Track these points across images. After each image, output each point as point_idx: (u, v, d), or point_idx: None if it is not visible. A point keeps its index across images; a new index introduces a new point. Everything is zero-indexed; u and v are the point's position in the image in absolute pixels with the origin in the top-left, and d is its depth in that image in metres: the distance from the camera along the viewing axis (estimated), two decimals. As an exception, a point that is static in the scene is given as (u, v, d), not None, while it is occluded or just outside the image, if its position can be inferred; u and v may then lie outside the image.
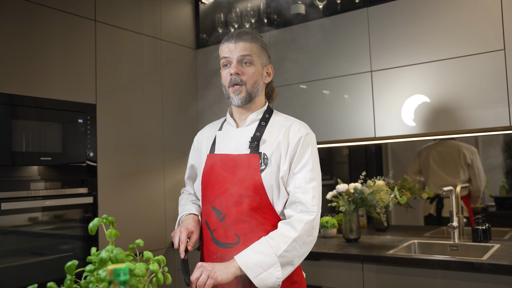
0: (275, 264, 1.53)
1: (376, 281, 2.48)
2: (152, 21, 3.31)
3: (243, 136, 1.72)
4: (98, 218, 1.25)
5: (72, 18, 2.79)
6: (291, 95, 3.17)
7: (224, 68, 1.72)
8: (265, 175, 1.62)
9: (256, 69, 1.70)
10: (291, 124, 1.71)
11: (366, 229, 3.37)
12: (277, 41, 3.25)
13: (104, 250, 1.14)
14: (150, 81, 3.27)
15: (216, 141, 1.79)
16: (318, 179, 1.65)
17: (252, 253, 1.54)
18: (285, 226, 1.58)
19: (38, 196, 2.54)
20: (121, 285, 0.92)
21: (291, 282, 1.69)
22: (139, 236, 3.07)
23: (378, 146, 3.87)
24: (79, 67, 2.81)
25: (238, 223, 1.63)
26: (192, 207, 1.85)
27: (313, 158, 1.66)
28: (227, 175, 1.66)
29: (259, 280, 1.52)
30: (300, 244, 1.57)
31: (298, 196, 1.61)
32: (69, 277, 1.16)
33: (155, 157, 3.25)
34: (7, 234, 2.44)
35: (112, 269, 0.91)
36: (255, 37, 1.72)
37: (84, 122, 2.79)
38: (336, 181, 3.08)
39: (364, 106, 2.88)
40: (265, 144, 1.67)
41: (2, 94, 2.44)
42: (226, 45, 1.71)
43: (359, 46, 2.91)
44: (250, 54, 1.67)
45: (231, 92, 1.69)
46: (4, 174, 2.42)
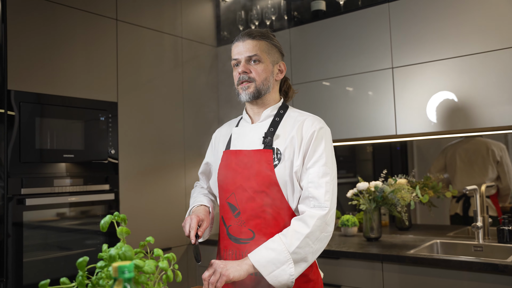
0: (288, 261, 1.51)
1: (396, 281, 2.44)
2: (173, 19, 3.34)
3: (257, 131, 1.72)
4: (110, 216, 1.27)
5: (94, 17, 2.84)
6: (312, 92, 3.15)
7: (234, 68, 1.75)
8: (279, 170, 1.62)
9: (265, 67, 1.70)
10: (305, 119, 1.70)
11: (388, 228, 3.32)
12: (297, 38, 3.23)
13: (114, 247, 1.15)
14: (171, 79, 3.30)
15: (231, 137, 1.80)
16: (332, 174, 1.63)
17: (264, 250, 1.53)
18: (297, 222, 1.57)
19: (61, 192, 2.60)
20: (126, 282, 0.93)
21: (306, 280, 1.68)
22: (159, 233, 3.11)
23: (403, 143, 3.80)
24: (101, 65, 2.86)
25: (252, 219, 1.63)
26: (203, 198, 1.86)
27: (327, 152, 1.64)
28: (242, 170, 1.67)
29: (272, 277, 1.51)
30: (313, 240, 1.55)
31: (311, 191, 1.59)
32: (80, 273, 1.18)
33: (176, 155, 3.28)
34: (35, 229, 2.51)
35: (117, 266, 0.92)
36: (264, 35, 1.73)
37: (105, 120, 2.84)
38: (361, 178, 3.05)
39: (385, 103, 2.83)
40: (279, 139, 1.67)
41: (26, 93, 2.50)
42: (235, 45, 1.74)
43: (380, 42, 2.86)
44: (257, 53, 1.69)
45: (240, 89, 1.72)
46: (29, 171, 2.49)
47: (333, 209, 1.62)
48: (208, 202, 1.84)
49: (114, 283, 0.93)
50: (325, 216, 1.57)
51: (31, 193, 2.48)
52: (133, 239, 2.90)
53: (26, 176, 2.48)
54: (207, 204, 1.83)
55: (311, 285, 1.69)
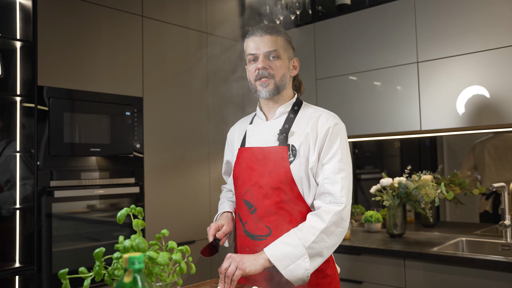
0: (303, 256, 1.52)
1: (419, 278, 2.41)
2: (198, 15, 3.37)
3: (272, 128, 1.72)
4: (126, 208, 1.31)
5: (120, 14, 2.90)
6: (336, 86, 3.13)
7: (250, 63, 1.72)
8: (294, 167, 1.62)
9: (283, 63, 1.70)
10: (320, 115, 1.69)
11: (414, 225, 3.27)
12: (322, 33, 3.21)
13: (129, 239, 1.19)
14: (196, 74, 3.34)
15: (246, 135, 1.81)
16: (348, 170, 1.63)
17: (280, 245, 1.54)
18: (313, 217, 1.58)
19: (88, 185, 2.68)
20: (136, 273, 0.96)
21: (323, 275, 1.68)
22: (184, 226, 3.16)
23: (432, 139, 3.73)
24: (127, 61, 2.92)
25: (268, 215, 1.64)
26: (226, 205, 1.89)
27: (342, 148, 1.64)
28: (257, 167, 1.68)
29: (287, 272, 1.52)
30: (329, 235, 1.56)
31: (327, 187, 1.59)
32: (97, 263, 1.22)
33: (200, 149, 3.33)
34: (64, 220, 2.60)
35: (127, 257, 0.95)
36: (279, 30, 1.72)
37: (131, 115, 2.90)
38: (387, 174, 3.01)
39: (410, 98, 2.78)
40: (294, 136, 1.67)
41: (55, 88, 2.59)
42: (251, 40, 1.71)
43: (405, 36, 2.81)
44: (276, 48, 1.67)
45: (258, 85, 1.70)
46: (57, 164, 2.57)
47: (349, 204, 1.62)
48: (230, 207, 1.87)
49: (125, 273, 0.96)
50: (341, 212, 1.58)
51: (59, 185, 2.57)
52: (157, 231, 2.97)
53: (55, 169, 2.57)
54: (230, 209, 1.85)
55: (328, 280, 1.69)
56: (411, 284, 2.44)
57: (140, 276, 0.96)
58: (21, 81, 2.57)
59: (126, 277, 0.95)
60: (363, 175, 4.05)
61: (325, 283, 1.67)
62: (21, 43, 2.52)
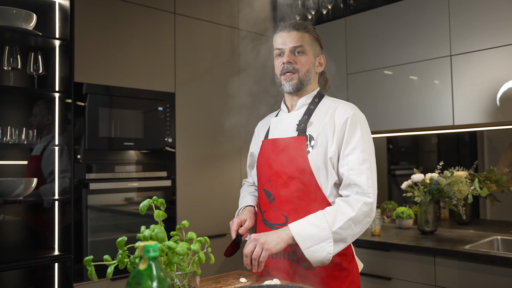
0: (329, 239, 1.53)
1: (450, 276, 2.36)
2: (230, 11, 3.41)
3: (292, 119, 1.76)
4: (148, 200, 1.35)
5: (152, 12, 2.97)
6: (367, 81, 3.09)
7: (277, 58, 1.77)
8: (312, 157, 1.65)
9: (308, 59, 1.73)
10: (338, 106, 1.71)
11: (448, 222, 3.20)
12: (353, 27, 3.18)
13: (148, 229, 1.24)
14: (227, 70, 3.38)
15: (270, 127, 1.86)
16: (371, 160, 1.64)
17: (307, 225, 1.55)
18: (343, 203, 1.58)
19: (122, 178, 2.77)
20: (151, 260, 1.00)
21: (339, 268, 1.67)
22: (215, 219, 3.22)
23: (472, 134, 3.63)
24: (159, 58, 3.00)
25: (286, 204, 1.67)
26: (249, 199, 1.93)
27: (364, 138, 1.65)
28: (277, 158, 1.72)
29: (310, 252, 1.54)
30: (356, 223, 1.57)
31: (353, 178, 1.60)
32: (120, 251, 1.28)
33: (232, 144, 3.37)
34: (98, 211, 2.71)
35: (143, 245, 0.99)
36: (307, 27, 1.75)
37: (163, 110, 2.98)
38: (423, 171, 2.96)
39: (442, 93, 2.72)
40: (312, 126, 1.70)
41: (91, 84, 2.69)
42: (279, 35, 1.75)
43: (438, 29, 2.75)
44: (302, 44, 1.71)
45: (283, 79, 1.74)
46: (93, 158, 2.68)
47: (376, 195, 1.63)
48: (253, 201, 1.90)
49: (140, 260, 1.01)
50: (371, 204, 1.60)
51: (95, 178, 2.67)
52: (189, 224, 3.03)
53: (91, 163, 2.68)
54: (252, 203, 1.89)
55: (344, 273, 1.69)
56: (442, 282, 2.39)
57: (155, 264, 1.00)
58: (59, 78, 2.69)
59: (142, 264, 0.99)
60: (397, 171, 3.99)
61: (341, 276, 1.67)
62: (60, 41, 2.63)
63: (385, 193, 3.63)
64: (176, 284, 1.28)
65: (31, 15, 2.56)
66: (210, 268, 3.14)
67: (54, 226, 2.67)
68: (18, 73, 2.62)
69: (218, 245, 3.20)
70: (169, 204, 3.02)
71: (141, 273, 0.99)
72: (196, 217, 3.11)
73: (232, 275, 1.70)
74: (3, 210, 2.61)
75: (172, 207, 3.02)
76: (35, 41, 2.62)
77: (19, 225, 2.67)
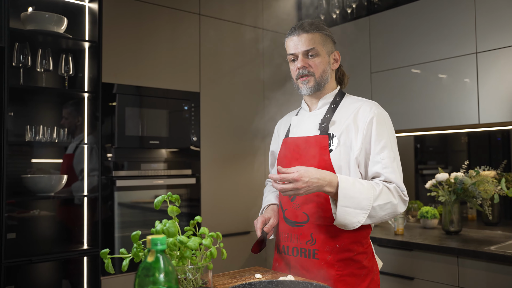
0: (365, 210, 1.54)
1: (474, 277, 2.32)
2: (254, 11, 3.45)
3: (314, 119, 1.77)
4: (163, 195, 1.40)
5: (177, 13, 3.04)
6: (391, 79, 3.07)
7: (291, 62, 1.77)
8: (334, 156, 1.65)
9: (322, 59, 1.72)
10: (361, 105, 1.71)
11: (475, 223, 3.14)
12: (377, 25, 3.16)
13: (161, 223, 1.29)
14: (252, 69, 3.42)
15: (291, 126, 1.86)
16: (397, 158, 1.66)
17: (356, 185, 1.54)
18: (388, 190, 1.58)
19: (147, 175, 2.86)
20: (158, 253, 1.05)
21: (360, 266, 1.67)
22: (239, 216, 3.27)
23: (505, 133, 3.53)
24: (185, 58, 3.07)
25: (307, 203, 1.68)
26: (272, 197, 1.94)
27: (391, 136, 1.66)
28: (298, 156, 1.73)
29: (342, 210, 1.53)
30: (388, 211, 1.58)
31: (389, 176, 1.61)
32: (135, 245, 1.33)
33: (256, 142, 3.41)
34: (125, 208, 2.80)
35: (150, 238, 1.04)
36: (317, 26, 1.73)
37: (188, 109, 3.04)
38: (452, 170, 2.92)
39: (467, 91, 2.67)
40: (335, 125, 1.70)
41: (118, 85, 2.78)
42: (290, 40, 1.75)
43: (464, 25, 2.69)
44: (314, 46, 1.70)
45: (300, 83, 1.75)
46: (120, 156, 2.77)
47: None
48: (276, 199, 1.91)
49: (148, 253, 1.05)
50: (406, 204, 1.63)
51: (121, 175, 2.77)
52: (212, 221, 3.11)
53: (118, 160, 2.77)
54: (275, 201, 1.90)
55: (365, 271, 1.68)
56: (465, 283, 2.36)
57: (163, 256, 1.04)
58: (88, 79, 2.80)
59: (149, 256, 1.04)
60: (425, 170, 3.93)
61: (361, 274, 1.67)
62: (89, 43, 2.74)
63: (412, 193, 3.58)
64: (189, 278, 1.33)
65: (62, 19, 2.67)
66: (234, 264, 3.19)
67: (83, 221, 2.78)
68: (50, 75, 2.74)
69: (242, 242, 3.25)
70: (194, 201, 3.09)
71: (149, 265, 1.04)
72: (221, 215, 3.17)
73: (248, 271, 1.73)
74: (38, 205, 2.74)
75: (197, 204, 3.09)
76: (66, 43, 2.73)
77: (53, 220, 2.79)
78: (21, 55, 2.54)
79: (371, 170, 1.63)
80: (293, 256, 1.72)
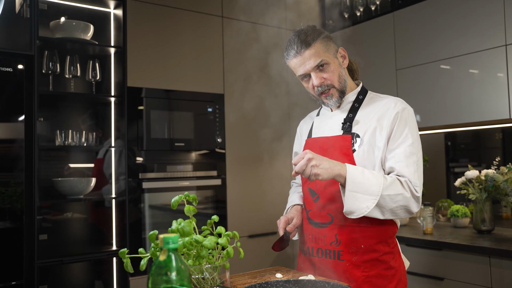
0: (374, 197, 1.49)
1: (507, 278, 2.24)
2: (277, 12, 3.44)
3: (337, 118, 1.73)
4: (180, 195, 1.42)
5: (200, 16, 3.08)
6: (415, 75, 3.00)
7: (304, 80, 1.69)
8: (357, 155, 1.62)
9: (334, 64, 1.65)
10: (386, 102, 1.66)
11: (510, 221, 3.02)
12: (401, 21, 3.10)
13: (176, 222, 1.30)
14: (276, 70, 3.41)
15: (313, 126, 1.84)
16: (418, 154, 1.60)
17: (364, 172, 1.52)
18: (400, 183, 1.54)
19: (174, 177, 2.90)
20: (170, 252, 1.06)
21: (386, 267, 1.64)
22: (263, 217, 3.27)
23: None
24: (208, 60, 3.10)
25: (331, 203, 1.65)
26: (295, 197, 1.93)
27: (412, 133, 1.60)
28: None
29: (351, 196, 1.50)
30: (400, 203, 1.53)
31: (401, 170, 1.56)
32: (152, 244, 1.35)
33: (281, 143, 3.40)
34: (152, 209, 2.85)
35: (162, 237, 1.05)
36: (312, 35, 1.62)
37: (213, 111, 3.07)
38: (485, 168, 2.83)
39: (497, 85, 2.58)
40: (358, 125, 1.66)
41: (144, 89, 2.83)
42: (293, 61, 1.65)
43: (492, 17, 2.61)
44: (321, 58, 1.61)
45: (324, 98, 1.68)
46: (146, 158, 2.82)
47: (421, 190, 1.59)
48: (300, 200, 1.89)
49: (161, 251, 1.07)
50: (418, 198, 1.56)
51: (149, 177, 2.81)
52: (239, 222, 3.12)
53: (144, 163, 2.82)
54: (299, 202, 1.89)
55: (391, 272, 1.64)
56: (498, 284, 2.28)
57: (175, 255, 1.05)
58: (115, 83, 2.86)
59: (162, 255, 1.05)
60: (457, 168, 3.82)
61: (388, 275, 1.63)
62: (115, 49, 2.81)
63: (443, 191, 3.49)
64: (206, 278, 1.34)
65: (88, 26, 2.75)
66: (261, 264, 3.19)
67: (111, 223, 2.84)
68: (78, 80, 2.82)
69: (268, 242, 3.24)
70: (219, 202, 3.11)
71: (161, 263, 1.05)
72: (246, 215, 3.18)
73: (269, 271, 1.73)
74: (71, 208, 2.83)
75: (223, 205, 3.11)
76: (92, 49, 2.81)
77: (85, 222, 2.87)
78: (50, 62, 2.63)
79: (386, 165, 1.60)
80: (318, 257, 1.70)
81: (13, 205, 2.43)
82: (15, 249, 2.38)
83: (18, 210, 2.43)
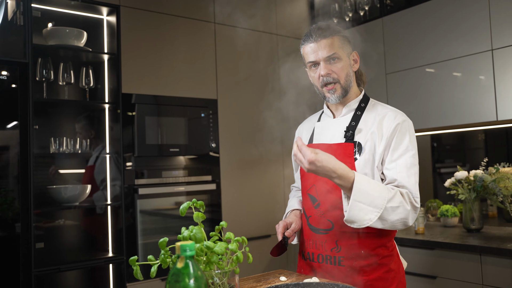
0: (378, 209, 1.50)
1: (497, 274, 2.32)
2: (267, 18, 3.49)
3: (339, 126, 1.74)
4: (188, 202, 1.44)
5: (193, 23, 3.10)
6: (406, 79, 3.08)
7: (312, 69, 1.72)
8: (359, 164, 1.64)
9: (344, 63, 1.68)
10: (387, 113, 1.68)
11: (497, 220, 3.12)
12: (390, 26, 3.17)
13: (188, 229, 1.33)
14: (268, 75, 3.45)
15: (314, 132, 1.85)
16: (417, 166, 1.63)
17: (371, 184, 1.52)
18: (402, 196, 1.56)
19: (168, 183, 2.91)
20: (187, 259, 1.09)
21: (387, 270, 1.67)
22: (259, 221, 3.30)
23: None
24: (201, 66, 3.12)
25: (332, 210, 1.66)
26: (295, 202, 1.94)
27: (412, 145, 1.63)
28: None
29: (354, 206, 1.49)
30: (400, 216, 1.54)
31: (402, 181, 1.58)
32: (162, 251, 1.38)
33: (274, 148, 3.44)
34: (148, 215, 2.86)
35: (180, 245, 1.08)
36: (334, 30, 1.69)
37: (206, 116, 3.09)
38: (470, 168, 2.91)
39: (484, 88, 2.67)
40: (360, 133, 1.68)
41: (137, 95, 2.84)
42: (308, 46, 1.69)
43: (478, 23, 2.69)
44: (336, 51, 1.64)
45: (326, 92, 1.70)
46: (141, 164, 2.83)
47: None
48: (299, 205, 1.91)
49: (178, 259, 1.09)
50: (417, 211, 1.58)
51: (143, 183, 2.82)
52: (233, 226, 3.14)
53: (139, 169, 2.83)
54: (298, 207, 1.90)
55: (392, 275, 1.67)
56: (490, 280, 2.35)
57: (192, 262, 1.08)
58: (108, 90, 2.87)
59: (179, 262, 1.08)
60: (443, 169, 3.91)
61: (388, 278, 1.66)
62: (108, 55, 2.81)
63: (430, 192, 3.58)
64: (216, 283, 1.37)
65: (82, 33, 2.75)
66: (256, 268, 3.22)
67: (107, 229, 2.84)
68: (72, 87, 2.82)
69: (263, 246, 3.28)
70: (214, 207, 3.13)
71: (179, 271, 1.07)
72: (241, 219, 3.21)
73: (272, 274, 1.75)
74: (63, 215, 2.81)
75: (218, 210, 3.13)
76: (86, 56, 2.81)
77: (78, 229, 2.86)
78: (44, 69, 2.62)
79: (387, 176, 1.62)
80: (318, 263, 1.72)
81: (3, 213, 2.40)
82: (10, 258, 2.36)
83: (10, 218, 2.41)
